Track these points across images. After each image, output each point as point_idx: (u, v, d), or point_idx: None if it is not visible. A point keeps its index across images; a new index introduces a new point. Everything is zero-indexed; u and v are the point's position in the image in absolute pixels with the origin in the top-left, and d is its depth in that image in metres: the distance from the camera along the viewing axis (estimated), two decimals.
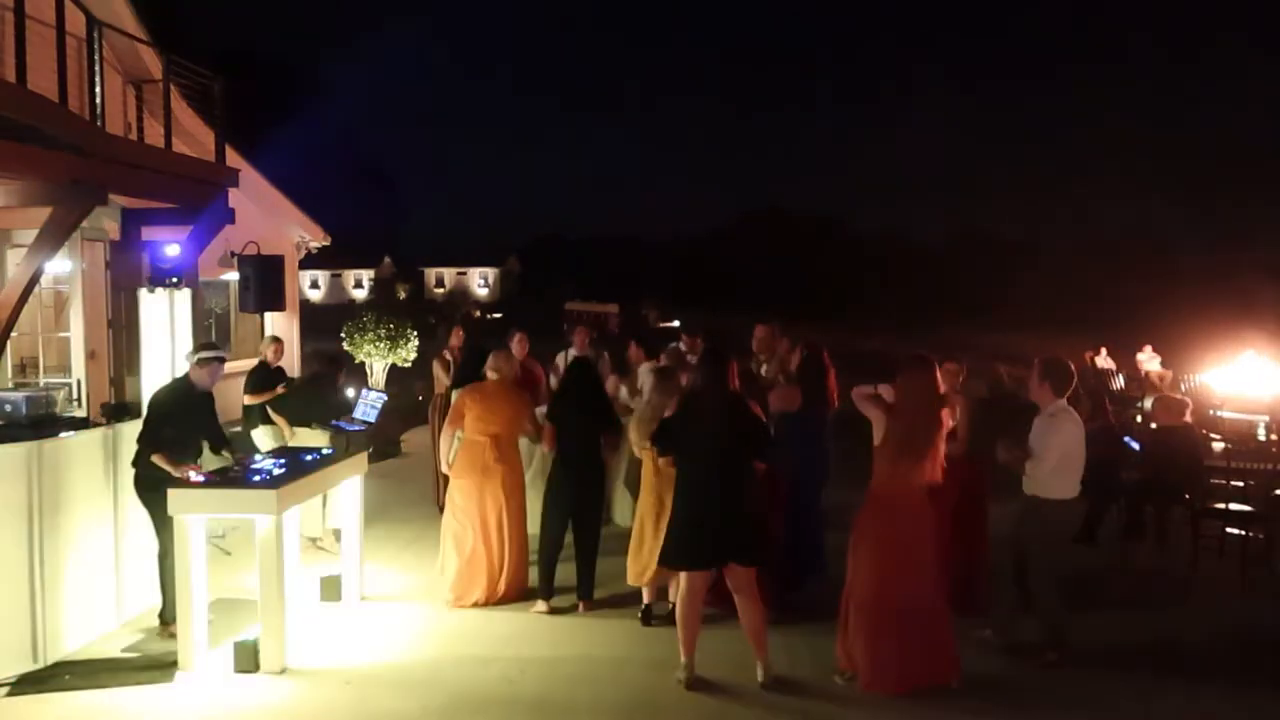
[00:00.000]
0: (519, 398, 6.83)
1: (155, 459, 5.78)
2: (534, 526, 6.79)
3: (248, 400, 8.51)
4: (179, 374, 7.35)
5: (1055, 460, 5.54)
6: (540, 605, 6.45)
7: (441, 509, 7.87)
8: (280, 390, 8.45)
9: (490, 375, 6.79)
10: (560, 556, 6.55)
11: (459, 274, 77.41)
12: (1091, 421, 9.19)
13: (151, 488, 5.80)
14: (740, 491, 5.24)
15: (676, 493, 5.38)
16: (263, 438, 8.28)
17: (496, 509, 6.62)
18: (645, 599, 6.30)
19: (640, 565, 6.25)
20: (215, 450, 6.28)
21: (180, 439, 5.94)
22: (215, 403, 6.33)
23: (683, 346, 9.33)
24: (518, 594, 6.68)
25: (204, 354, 6.10)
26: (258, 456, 6.30)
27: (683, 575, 5.36)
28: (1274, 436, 9.83)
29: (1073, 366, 5.74)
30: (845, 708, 5.12)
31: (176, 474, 5.70)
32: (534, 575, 6.73)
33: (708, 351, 5.65)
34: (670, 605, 6.20)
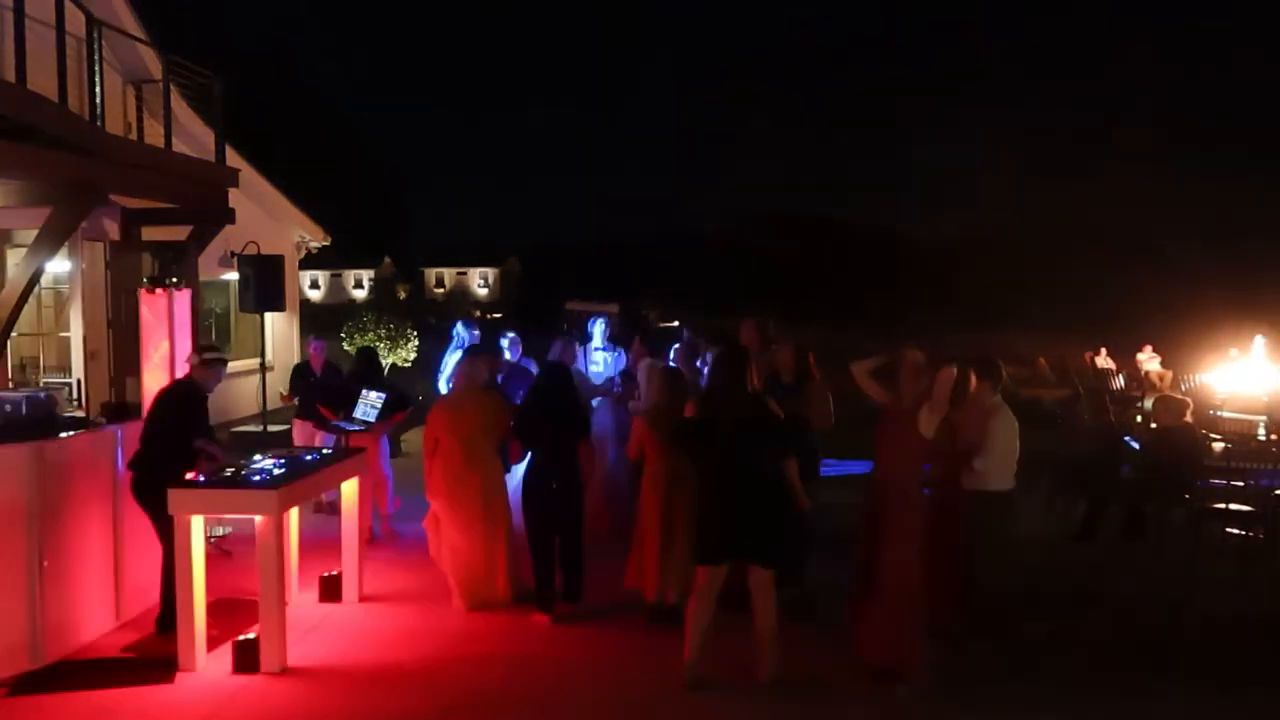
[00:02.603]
0: (490, 402, 6.69)
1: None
2: None
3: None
4: (178, 374, 7.37)
5: (997, 452, 5.78)
6: (538, 618, 6.33)
7: None
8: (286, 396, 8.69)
9: (459, 381, 6.77)
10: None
11: (459, 274, 77.42)
12: (1092, 421, 9.22)
13: (151, 491, 5.78)
14: (761, 492, 5.22)
15: (697, 492, 5.42)
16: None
17: (476, 513, 6.48)
18: (649, 599, 6.29)
19: (638, 566, 6.27)
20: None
21: (188, 441, 5.93)
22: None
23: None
24: (517, 593, 6.65)
25: (209, 355, 6.10)
26: (257, 458, 6.31)
27: (699, 573, 5.34)
28: (1274, 436, 9.83)
29: (1002, 364, 6.03)
30: (846, 707, 5.13)
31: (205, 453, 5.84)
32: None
33: (725, 351, 5.65)
34: (672, 603, 6.18)
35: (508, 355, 8.79)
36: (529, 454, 6.48)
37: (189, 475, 5.76)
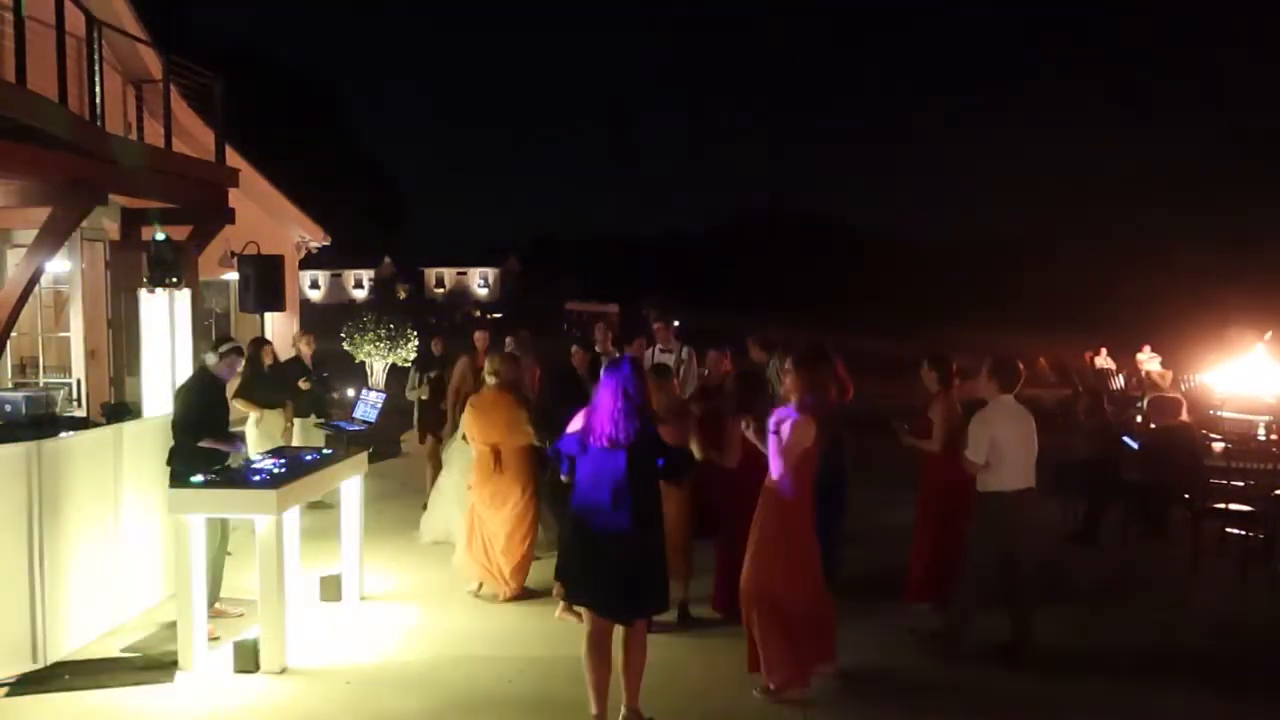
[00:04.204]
0: (516, 403, 6.72)
1: (207, 442, 5.98)
2: None
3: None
4: (179, 374, 7.39)
5: (982, 448, 5.61)
6: (562, 607, 6.30)
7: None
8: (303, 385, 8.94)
9: (488, 379, 6.79)
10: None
11: (459, 274, 77.35)
12: (1088, 419, 9.22)
13: (188, 486, 5.82)
14: (643, 524, 4.56)
15: (570, 520, 4.86)
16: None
17: (496, 506, 6.69)
18: None
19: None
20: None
21: (216, 429, 6.12)
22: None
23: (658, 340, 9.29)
24: (520, 593, 6.74)
25: (224, 349, 6.28)
26: (255, 456, 6.34)
27: (586, 615, 4.76)
28: (1274, 436, 9.83)
29: (1021, 367, 5.89)
30: (849, 707, 5.13)
31: (229, 449, 6.07)
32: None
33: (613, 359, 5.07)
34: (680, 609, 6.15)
35: None
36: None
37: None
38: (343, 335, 17.17)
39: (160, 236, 7.36)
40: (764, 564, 5.19)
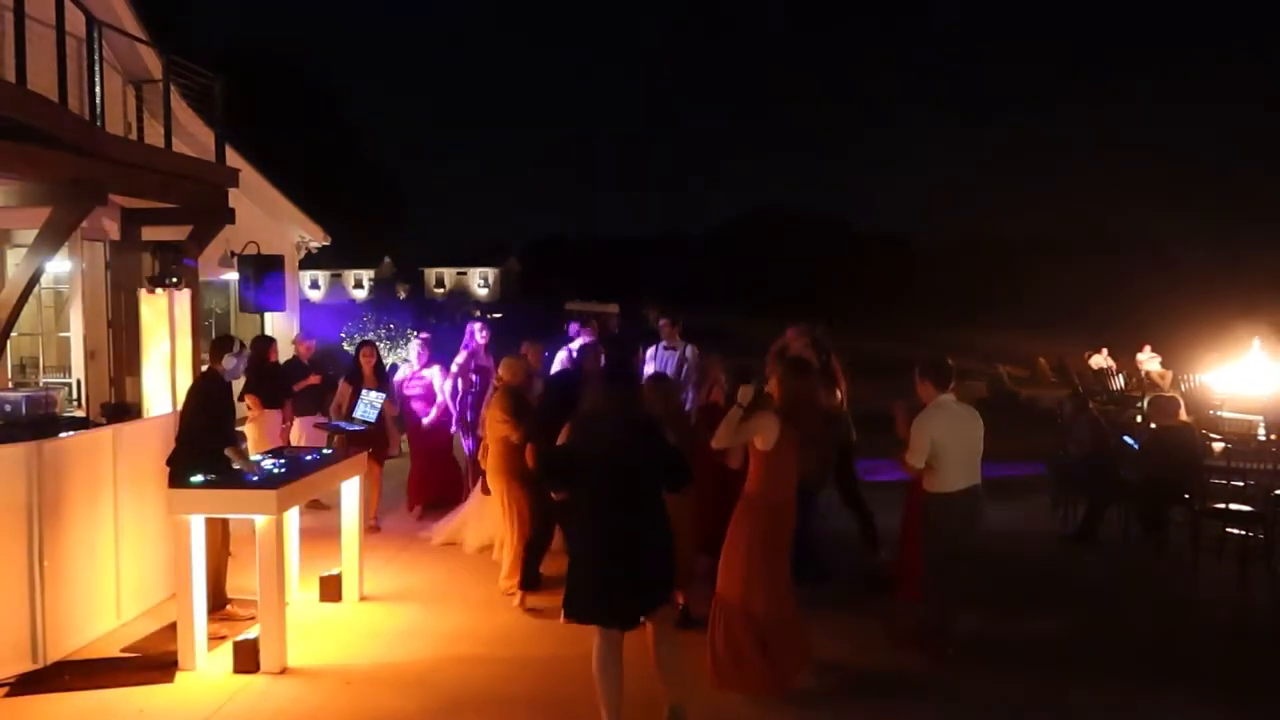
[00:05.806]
0: (500, 398, 6.91)
1: (229, 452, 5.94)
2: None
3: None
4: (179, 373, 7.40)
5: (922, 452, 5.60)
6: (519, 597, 6.55)
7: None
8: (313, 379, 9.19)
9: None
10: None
11: (459, 274, 77.32)
12: (1074, 418, 9.22)
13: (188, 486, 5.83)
14: (644, 533, 4.56)
15: (575, 535, 4.82)
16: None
17: (507, 508, 6.88)
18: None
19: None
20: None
21: (227, 432, 6.09)
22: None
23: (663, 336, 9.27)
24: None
25: (236, 346, 6.31)
26: (255, 456, 6.35)
27: (595, 635, 4.71)
28: (1274, 436, 9.83)
29: (952, 364, 5.89)
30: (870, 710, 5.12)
31: (246, 465, 5.95)
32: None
33: (611, 366, 5.17)
34: (680, 607, 6.15)
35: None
36: None
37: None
38: (343, 335, 17.18)
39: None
40: (737, 572, 5.17)
